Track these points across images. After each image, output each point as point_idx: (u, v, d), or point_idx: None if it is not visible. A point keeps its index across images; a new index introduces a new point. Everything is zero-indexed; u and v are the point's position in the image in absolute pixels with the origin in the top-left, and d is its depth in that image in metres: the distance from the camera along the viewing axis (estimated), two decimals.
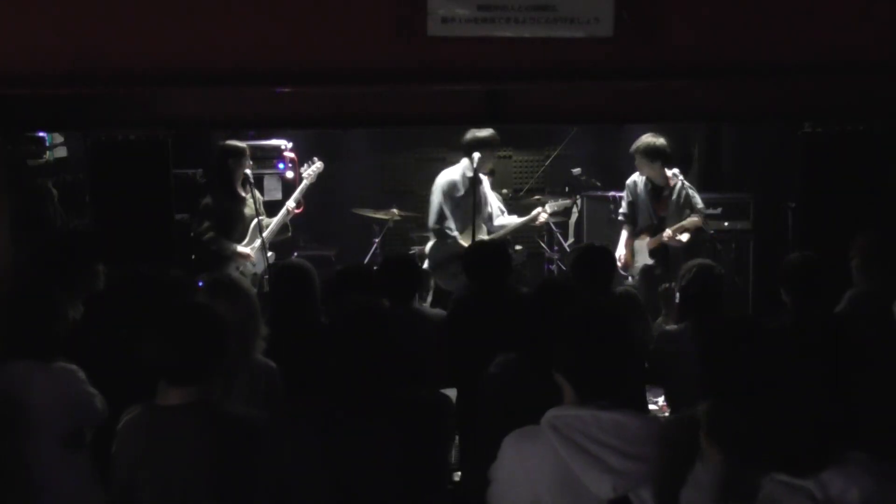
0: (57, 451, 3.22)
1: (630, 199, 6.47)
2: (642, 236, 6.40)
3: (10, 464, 3.19)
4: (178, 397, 2.68)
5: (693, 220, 6.14)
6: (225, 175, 5.99)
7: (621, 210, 6.60)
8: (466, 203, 6.14)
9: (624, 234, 6.54)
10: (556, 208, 6.87)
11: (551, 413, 2.41)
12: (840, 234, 4.55)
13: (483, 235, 6.28)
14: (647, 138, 6.20)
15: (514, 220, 6.64)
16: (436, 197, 6.16)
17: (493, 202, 6.49)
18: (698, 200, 6.27)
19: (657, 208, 6.31)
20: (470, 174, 6.15)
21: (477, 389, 3.48)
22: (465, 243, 6.14)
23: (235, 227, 6.03)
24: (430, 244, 6.29)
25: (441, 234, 6.17)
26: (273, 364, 3.41)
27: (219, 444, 2.65)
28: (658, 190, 6.29)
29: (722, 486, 2.12)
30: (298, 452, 2.54)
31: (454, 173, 6.20)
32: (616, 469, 2.29)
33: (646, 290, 6.10)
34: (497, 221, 6.46)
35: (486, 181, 6.42)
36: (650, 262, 6.31)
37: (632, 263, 6.45)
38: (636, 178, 6.41)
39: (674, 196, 6.22)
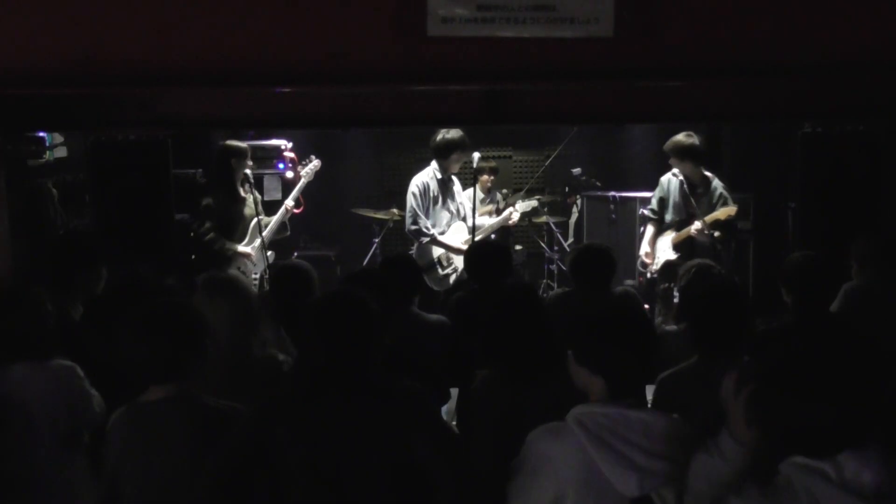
0: (57, 451, 3.22)
1: (661, 195, 6.48)
2: (669, 232, 6.41)
3: (10, 464, 3.19)
4: (158, 393, 2.75)
5: (726, 209, 6.13)
6: (226, 175, 5.99)
7: (649, 206, 6.61)
8: (439, 204, 6.32)
9: (649, 231, 6.54)
10: (525, 208, 7.05)
11: (578, 410, 2.41)
12: (840, 234, 4.55)
13: (464, 233, 6.38)
14: (679, 137, 6.22)
15: (487, 220, 6.79)
16: (409, 200, 6.30)
17: (466, 203, 6.57)
18: (730, 201, 6.28)
19: (689, 205, 6.30)
20: (440, 175, 6.30)
21: None
22: (446, 241, 6.31)
23: (236, 227, 6.05)
24: (413, 248, 6.45)
25: (417, 234, 6.28)
26: (275, 358, 3.41)
27: (199, 436, 2.69)
28: (692, 187, 6.31)
29: (747, 465, 2.08)
30: (279, 443, 2.50)
31: (425, 175, 6.34)
32: (642, 467, 2.30)
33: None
34: (470, 222, 6.49)
35: (456, 182, 6.56)
36: (672, 256, 6.27)
37: (654, 261, 6.44)
38: (671, 175, 6.41)
39: (707, 194, 6.24)
